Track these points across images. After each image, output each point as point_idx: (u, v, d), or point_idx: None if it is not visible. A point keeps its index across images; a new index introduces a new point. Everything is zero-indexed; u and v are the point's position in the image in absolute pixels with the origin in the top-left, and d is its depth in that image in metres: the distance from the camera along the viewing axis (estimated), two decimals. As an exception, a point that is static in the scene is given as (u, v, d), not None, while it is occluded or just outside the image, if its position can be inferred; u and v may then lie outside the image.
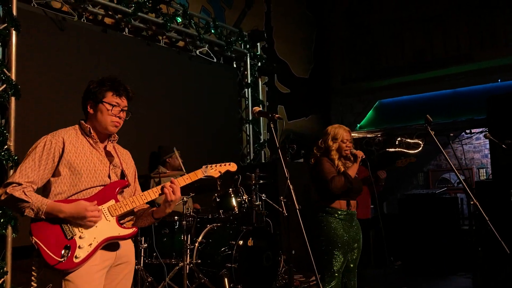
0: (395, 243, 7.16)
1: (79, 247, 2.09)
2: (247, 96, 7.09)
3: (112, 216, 2.22)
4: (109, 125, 2.34)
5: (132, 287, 4.28)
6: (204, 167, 2.58)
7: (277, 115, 2.48)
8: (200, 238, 4.55)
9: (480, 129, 8.39)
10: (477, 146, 10.83)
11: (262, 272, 4.48)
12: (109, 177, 2.31)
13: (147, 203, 2.39)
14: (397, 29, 8.65)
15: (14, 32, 4.13)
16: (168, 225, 4.58)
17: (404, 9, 8.56)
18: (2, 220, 3.83)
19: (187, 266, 4.27)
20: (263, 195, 5.14)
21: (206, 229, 4.66)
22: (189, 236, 4.42)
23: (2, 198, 2.12)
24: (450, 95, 8.32)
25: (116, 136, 2.48)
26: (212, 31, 6.30)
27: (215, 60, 6.56)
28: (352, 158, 3.61)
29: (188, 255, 4.33)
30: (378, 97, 9.16)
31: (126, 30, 5.45)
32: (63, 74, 4.62)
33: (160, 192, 2.33)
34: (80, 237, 2.12)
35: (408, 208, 7.49)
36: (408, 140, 8.17)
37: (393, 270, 7.08)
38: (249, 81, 7.02)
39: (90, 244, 2.12)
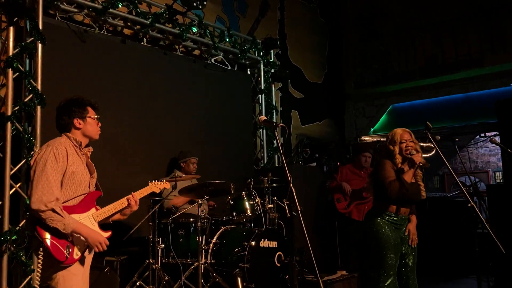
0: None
1: (77, 246, 2.61)
2: (260, 102, 7.26)
3: (96, 222, 2.75)
4: (96, 134, 2.88)
5: (150, 285, 4.52)
6: (150, 183, 3.20)
7: (281, 124, 2.66)
8: (214, 239, 4.71)
9: (494, 133, 8.41)
10: (493, 149, 10.80)
11: (274, 272, 4.63)
12: (89, 186, 2.80)
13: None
14: (409, 34, 8.73)
15: (40, 45, 4.38)
16: (184, 227, 4.76)
17: (415, 15, 8.64)
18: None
19: (202, 266, 4.43)
20: (275, 198, 5.30)
21: (220, 230, 4.82)
22: (203, 237, 4.58)
23: (43, 208, 2.49)
24: (462, 99, 8.36)
25: (91, 148, 2.93)
26: (227, 39, 6.51)
27: (229, 67, 6.74)
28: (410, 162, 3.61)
29: (203, 255, 4.48)
30: (391, 101, 9.24)
31: (144, 40, 5.68)
32: (85, 83, 4.87)
33: (127, 203, 2.89)
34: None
35: (422, 211, 7.54)
36: (422, 144, 8.22)
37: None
38: (262, 87, 7.20)
39: (84, 244, 2.65)
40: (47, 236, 2.52)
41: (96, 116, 2.87)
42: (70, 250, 2.57)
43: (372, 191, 3.83)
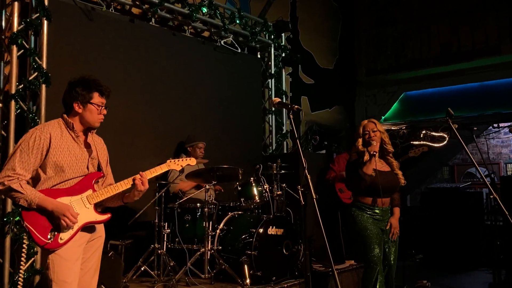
0: (416, 236, 7.13)
1: (63, 230, 2.49)
2: (270, 87, 7.10)
3: (90, 204, 2.60)
4: (96, 122, 2.69)
5: (155, 270, 4.44)
6: (168, 161, 2.88)
7: (296, 106, 2.53)
8: (221, 225, 4.64)
9: (508, 123, 8.23)
10: (505, 140, 10.60)
11: (281, 260, 4.54)
12: (87, 168, 2.66)
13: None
14: (424, 21, 8.52)
15: (45, 22, 4.26)
16: (190, 212, 4.67)
17: (431, 2, 8.41)
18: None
19: (208, 252, 4.36)
20: (284, 184, 5.19)
21: (227, 216, 4.74)
22: (210, 223, 4.51)
23: (4, 190, 2.45)
24: (477, 88, 8.16)
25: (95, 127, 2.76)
26: (237, 21, 6.34)
27: (239, 50, 6.58)
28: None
29: (209, 241, 4.42)
30: (403, 89, 9.04)
31: (153, 20, 5.53)
32: (91, 62, 4.75)
33: (132, 183, 2.67)
34: None
35: (430, 202, 7.44)
36: (433, 133, 8.03)
37: (413, 264, 7.06)
38: (273, 72, 7.04)
39: (72, 228, 2.52)
40: (28, 219, 2.45)
41: (101, 104, 2.67)
42: (54, 234, 2.46)
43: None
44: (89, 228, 2.63)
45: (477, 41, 7.79)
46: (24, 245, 3.01)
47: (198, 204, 4.65)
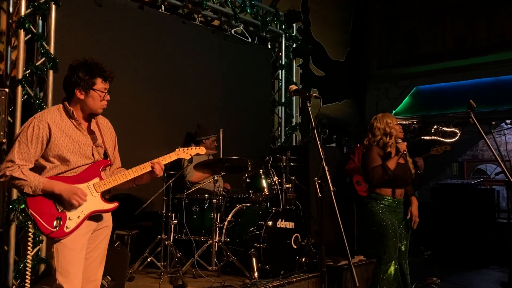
0: (425, 233, 7.03)
1: (69, 218, 2.42)
2: (280, 78, 6.99)
3: (97, 192, 2.51)
4: (99, 109, 2.57)
5: (162, 261, 4.37)
6: (177, 150, 2.82)
7: (315, 94, 2.43)
8: (229, 217, 4.55)
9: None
10: (517, 137, 10.43)
11: (290, 254, 4.46)
12: (93, 155, 2.56)
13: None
14: (438, 13, 8.36)
15: (53, 6, 4.16)
16: (198, 203, 4.60)
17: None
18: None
19: (216, 244, 4.29)
20: (293, 177, 5.10)
21: (236, 208, 4.65)
22: (218, 214, 4.44)
23: (2, 179, 2.39)
24: (492, 83, 7.99)
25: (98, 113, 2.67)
26: (248, 10, 6.21)
27: (249, 40, 6.49)
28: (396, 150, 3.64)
29: (217, 233, 4.35)
30: (415, 83, 8.90)
31: (163, 7, 5.44)
32: (100, 49, 4.65)
33: (149, 169, 2.61)
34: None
35: (441, 198, 7.34)
36: (445, 129, 7.91)
37: (422, 260, 6.96)
38: (283, 63, 6.92)
39: (79, 216, 2.44)
40: (33, 207, 2.37)
41: (104, 90, 2.55)
42: (61, 222, 2.38)
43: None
44: (95, 216, 2.55)
45: (493, 34, 7.61)
46: (30, 233, 2.94)
47: (207, 195, 4.58)
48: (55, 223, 2.37)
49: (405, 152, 3.62)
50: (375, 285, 3.63)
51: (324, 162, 2.23)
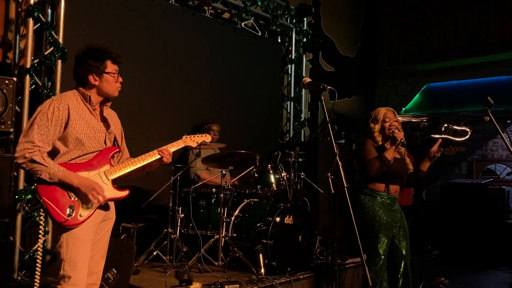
0: (433, 232, 6.96)
1: (82, 206, 2.37)
2: (290, 73, 6.91)
3: (108, 180, 2.49)
4: (115, 91, 2.57)
5: (168, 255, 4.33)
6: (184, 137, 2.84)
7: (329, 87, 2.36)
8: (236, 212, 4.50)
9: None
10: (527, 138, 10.29)
11: (298, 251, 4.40)
12: (105, 143, 2.55)
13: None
14: (450, 9, 8.21)
15: (63, -5, 4.13)
16: (205, 197, 4.55)
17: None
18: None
19: (223, 239, 4.24)
20: (302, 173, 5.03)
21: (243, 203, 4.60)
22: (225, 209, 4.38)
23: (21, 161, 2.29)
24: (505, 82, 7.85)
25: (110, 100, 2.65)
26: (259, 3, 6.13)
27: (259, 33, 6.41)
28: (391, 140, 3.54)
29: (224, 228, 4.30)
30: (426, 80, 8.77)
31: (173, -1, 5.39)
32: (109, 39, 4.59)
33: (158, 156, 2.62)
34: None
35: (450, 197, 7.26)
36: (455, 127, 7.80)
37: (429, 259, 6.89)
38: (293, 57, 6.84)
39: (92, 204, 2.39)
40: (46, 194, 2.30)
41: (116, 72, 2.55)
42: (74, 211, 2.33)
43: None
44: (105, 206, 2.52)
45: (507, 31, 7.47)
46: (41, 222, 2.89)
47: (214, 189, 4.53)
48: (68, 211, 2.32)
49: (402, 141, 3.45)
50: (365, 279, 3.55)
51: (338, 157, 2.16)
